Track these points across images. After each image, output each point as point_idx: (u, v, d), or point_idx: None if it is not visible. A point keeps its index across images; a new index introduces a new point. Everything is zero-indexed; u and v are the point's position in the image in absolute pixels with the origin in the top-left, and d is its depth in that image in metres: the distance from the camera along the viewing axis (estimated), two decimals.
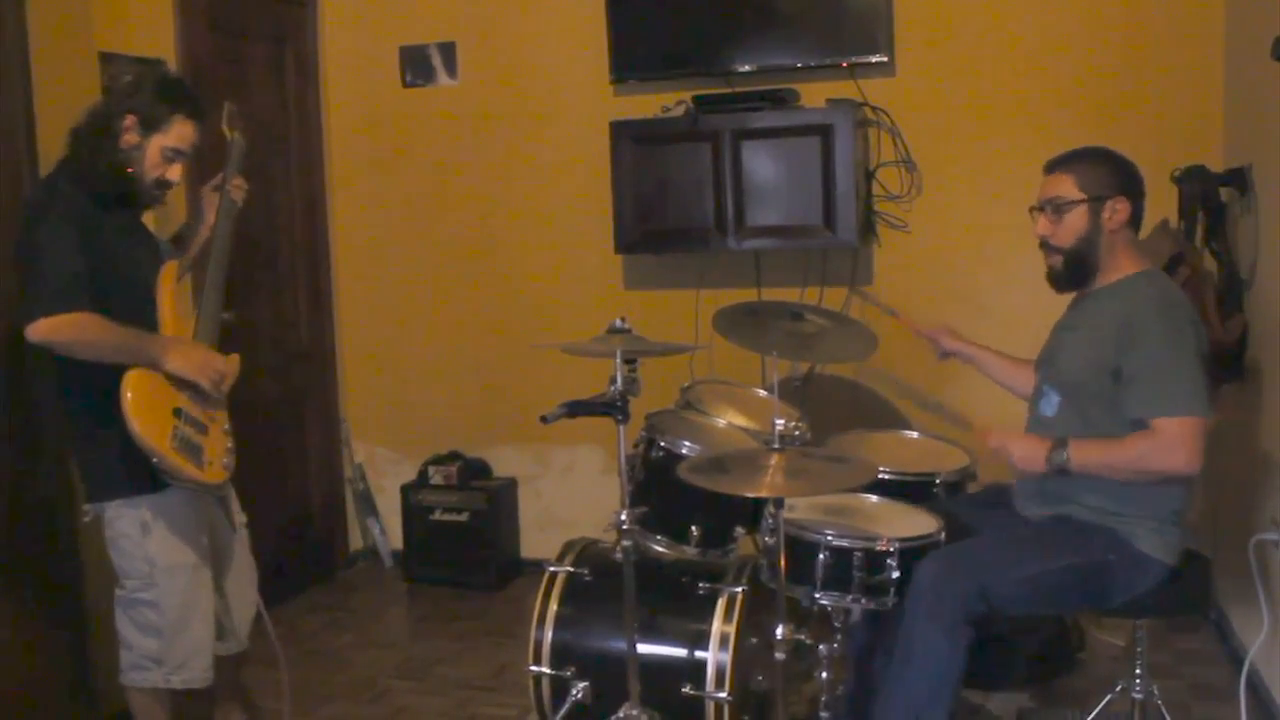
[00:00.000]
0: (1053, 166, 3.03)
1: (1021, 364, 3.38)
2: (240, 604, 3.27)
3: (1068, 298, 3.16)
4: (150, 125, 2.93)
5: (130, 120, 2.91)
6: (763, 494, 2.78)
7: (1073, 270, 3.02)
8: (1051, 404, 3.04)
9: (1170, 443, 2.77)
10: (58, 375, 2.93)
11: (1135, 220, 2.99)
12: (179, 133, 2.97)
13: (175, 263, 3.08)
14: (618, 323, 3.05)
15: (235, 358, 3.12)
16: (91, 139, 2.90)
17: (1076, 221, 2.96)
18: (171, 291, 3.00)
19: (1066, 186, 2.97)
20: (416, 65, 5.16)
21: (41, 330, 2.75)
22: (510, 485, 5.22)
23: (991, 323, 4.36)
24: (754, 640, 3.29)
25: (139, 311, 2.91)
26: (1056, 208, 2.98)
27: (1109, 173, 2.96)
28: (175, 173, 3.00)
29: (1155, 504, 2.88)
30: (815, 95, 4.54)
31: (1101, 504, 2.91)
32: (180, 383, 2.93)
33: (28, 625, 3.46)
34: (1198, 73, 4.25)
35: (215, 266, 3.11)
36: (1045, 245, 3.04)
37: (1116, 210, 2.94)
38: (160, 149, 2.95)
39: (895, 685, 2.86)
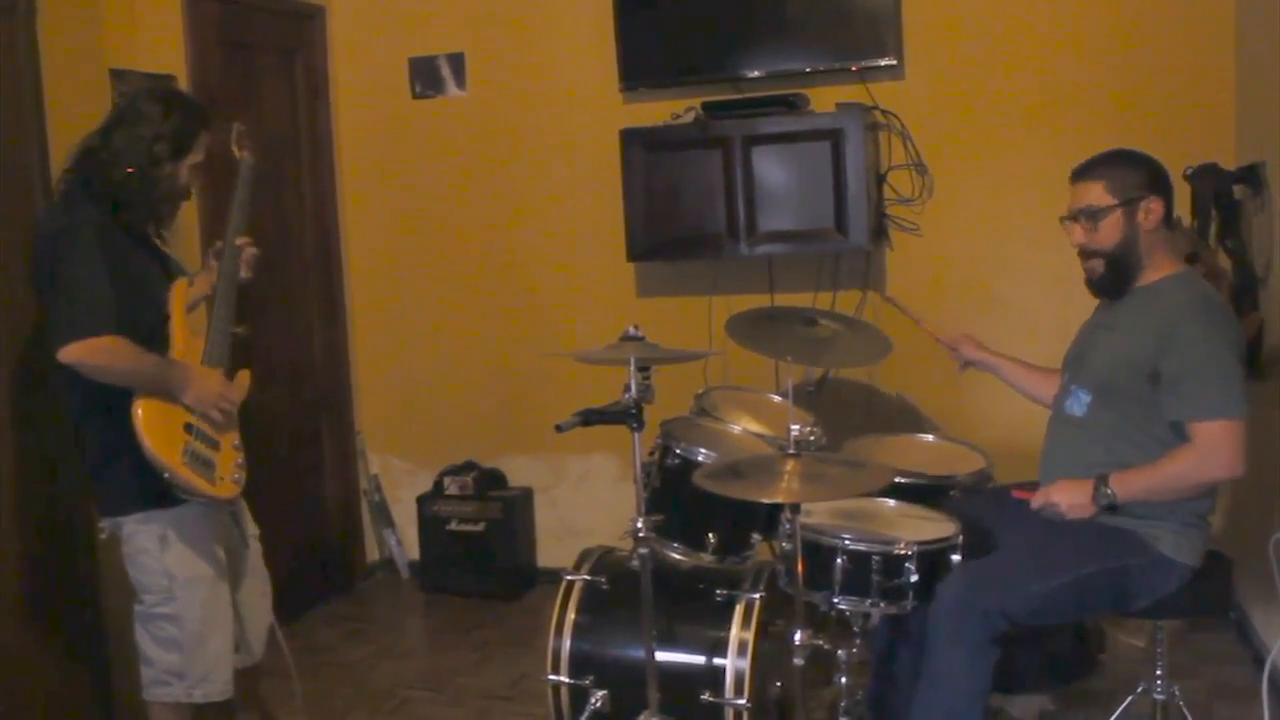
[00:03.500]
0: (1080, 174, 3.00)
1: (1045, 372, 3.34)
2: (254, 616, 3.27)
3: (1084, 299, 3.14)
4: (183, 151, 2.98)
5: (164, 149, 2.94)
6: (779, 499, 2.77)
7: (1116, 273, 2.99)
8: (1081, 403, 3.02)
9: (1211, 449, 2.75)
10: (73, 392, 2.94)
11: (1168, 219, 2.97)
12: (202, 146, 3.03)
13: (186, 279, 3.09)
14: (631, 330, 3.05)
15: (245, 375, 3.13)
16: (126, 167, 2.91)
17: (1113, 227, 2.94)
18: (182, 307, 3.01)
19: (1097, 194, 2.94)
20: (426, 76, 5.17)
21: (75, 353, 2.75)
22: (526, 495, 5.21)
23: (1005, 325, 4.36)
24: (772, 646, 3.28)
25: (152, 328, 2.91)
26: (1091, 216, 2.95)
27: (1138, 174, 2.94)
28: (195, 180, 3.08)
29: (1181, 507, 2.87)
30: (825, 100, 4.53)
31: (1129, 508, 2.89)
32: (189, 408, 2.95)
33: (48, 643, 3.47)
34: (1209, 70, 4.23)
35: (226, 282, 3.11)
36: (1084, 251, 3.01)
37: (1151, 210, 2.91)
38: (190, 169, 3.02)
39: (922, 709, 2.85)
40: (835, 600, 2.94)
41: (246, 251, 3.20)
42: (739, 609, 3.19)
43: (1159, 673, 3.11)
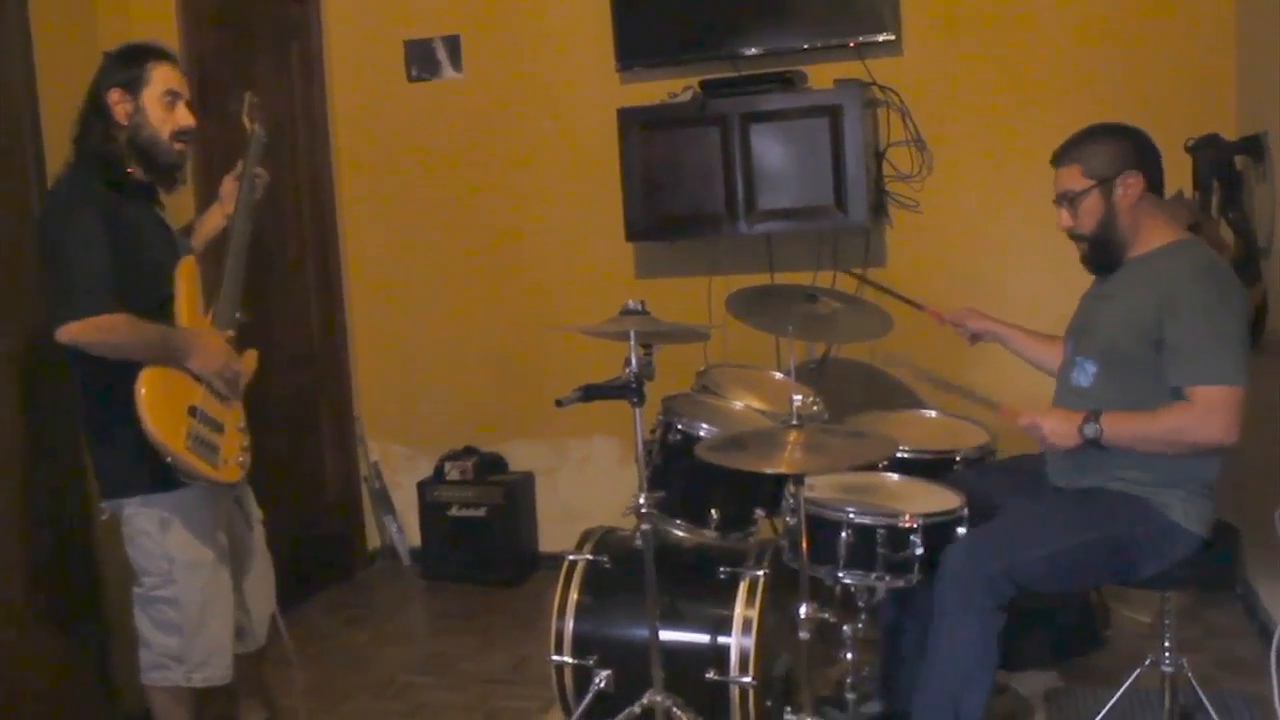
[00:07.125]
0: (1059, 158, 3.00)
1: (1051, 340, 3.33)
2: (258, 601, 3.25)
3: (1084, 273, 3.12)
4: (133, 86, 2.92)
5: (116, 94, 2.91)
6: (782, 470, 2.74)
7: (1101, 253, 2.99)
8: (1087, 374, 2.99)
9: (1207, 412, 2.72)
10: (75, 373, 2.92)
11: (1154, 187, 2.94)
12: (161, 77, 2.95)
13: (193, 257, 3.06)
14: (631, 304, 3.01)
15: (252, 354, 3.14)
16: (93, 132, 2.90)
17: (1092, 207, 2.93)
18: (190, 285, 2.98)
19: (1074, 177, 2.95)
20: (421, 59, 5.14)
21: (72, 333, 2.73)
22: (527, 479, 5.19)
23: (1005, 299, 4.33)
24: (777, 623, 3.26)
25: (157, 303, 2.89)
26: (1070, 200, 2.96)
27: (1113, 151, 2.92)
28: (185, 116, 2.98)
29: (1190, 475, 2.85)
30: (823, 76, 4.50)
31: (1137, 476, 2.87)
32: (197, 378, 2.92)
33: (47, 627, 3.45)
34: (1209, 41, 4.20)
35: (234, 260, 3.09)
36: (1071, 235, 3.02)
37: (1128, 186, 2.90)
38: (156, 99, 2.94)
39: (931, 676, 2.84)
40: (840, 575, 2.93)
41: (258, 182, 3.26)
42: (743, 586, 3.17)
43: (1167, 645, 3.09)
